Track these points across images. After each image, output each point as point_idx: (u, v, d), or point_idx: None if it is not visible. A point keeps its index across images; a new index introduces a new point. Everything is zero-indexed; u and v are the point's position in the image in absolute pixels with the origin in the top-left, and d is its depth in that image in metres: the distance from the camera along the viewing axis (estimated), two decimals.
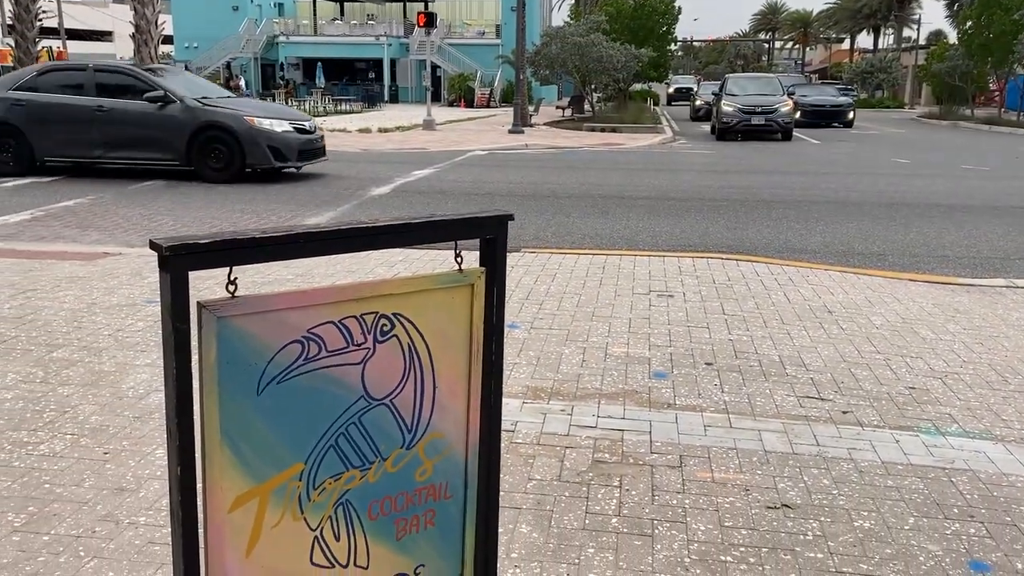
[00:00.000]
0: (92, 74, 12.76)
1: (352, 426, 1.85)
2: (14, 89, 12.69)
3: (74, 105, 12.55)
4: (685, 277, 6.40)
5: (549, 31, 33.08)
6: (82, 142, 12.57)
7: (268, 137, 12.36)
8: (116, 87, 12.63)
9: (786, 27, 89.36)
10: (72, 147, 12.68)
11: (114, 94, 12.60)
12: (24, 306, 5.26)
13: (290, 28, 48.30)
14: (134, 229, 8.56)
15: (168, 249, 1.56)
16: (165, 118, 12.35)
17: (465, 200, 10.97)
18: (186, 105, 12.37)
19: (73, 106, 12.55)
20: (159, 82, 12.63)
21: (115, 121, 12.48)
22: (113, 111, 12.48)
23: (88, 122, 12.49)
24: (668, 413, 3.79)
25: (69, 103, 12.58)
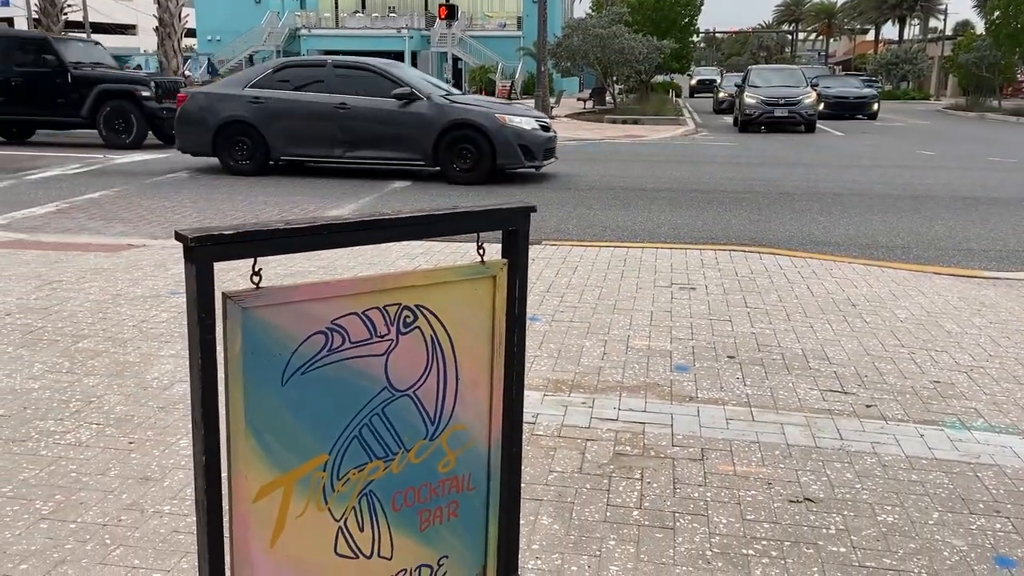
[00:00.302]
0: (332, 70, 12.18)
1: (376, 417, 1.86)
2: (250, 86, 12.22)
3: (314, 102, 11.99)
4: (707, 270, 6.37)
5: (571, 23, 32.97)
6: (322, 141, 12.05)
7: (519, 136, 11.66)
8: (357, 83, 12.04)
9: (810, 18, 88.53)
10: (310, 146, 12.17)
11: (356, 90, 12.00)
12: (50, 297, 5.32)
13: (312, 21, 48.41)
14: (158, 221, 8.63)
15: (193, 240, 1.57)
16: (411, 116, 11.73)
17: (486, 192, 10.97)
18: (434, 102, 11.77)
19: (313, 103, 11.99)
20: (403, 77, 12.13)
21: (357, 119, 11.87)
22: (355, 108, 11.85)
23: (329, 120, 11.91)
24: (690, 406, 3.78)
25: (309, 100, 12.02)
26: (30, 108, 16.22)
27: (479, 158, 11.65)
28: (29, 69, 16.07)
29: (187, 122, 12.46)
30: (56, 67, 15.96)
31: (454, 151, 11.69)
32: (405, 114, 11.77)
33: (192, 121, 12.40)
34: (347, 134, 11.97)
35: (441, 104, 11.78)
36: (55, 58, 15.96)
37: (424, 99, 11.78)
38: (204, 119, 12.28)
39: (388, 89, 11.87)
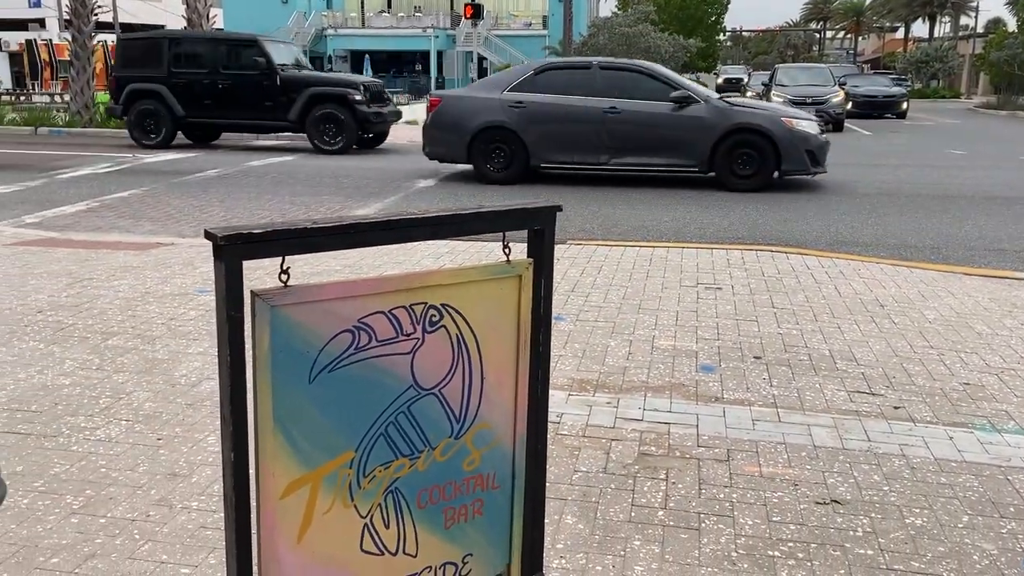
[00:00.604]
0: (597, 72, 11.58)
1: (401, 415, 1.87)
2: (510, 90, 11.66)
3: (581, 106, 11.41)
4: (733, 270, 6.34)
5: (596, 22, 32.91)
6: (587, 147, 11.45)
7: (805, 140, 11.05)
8: (624, 85, 11.42)
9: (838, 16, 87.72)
10: (574, 152, 11.56)
11: (624, 93, 11.39)
12: (81, 294, 5.39)
13: (338, 21, 48.69)
14: (186, 220, 8.72)
15: (223, 239, 1.59)
16: (687, 120, 11.13)
17: (511, 192, 10.98)
18: (712, 105, 11.20)
19: (580, 107, 11.41)
20: (676, 79, 11.63)
21: (628, 123, 11.27)
22: (626, 112, 11.25)
23: (596, 124, 11.34)
24: (715, 407, 3.76)
25: (575, 104, 11.44)
26: (237, 111, 15.87)
27: (761, 164, 11.01)
28: (237, 71, 15.78)
29: (440, 128, 11.94)
30: (265, 69, 15.59)
31: (733, 157, 11.06)
32: (681, 118, 11.16)
33: (446, 127, 11.89)
34: (615, 140, 11.37)
35: (721, 107, 11.20)
36: (265, 60, 15.60)
37: (702, 102, 11.19)
38: (459, 125, 11.73)
39: (659, 91, 11.28)
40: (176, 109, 15.96)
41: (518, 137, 11.53)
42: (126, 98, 16.10)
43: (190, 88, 15.91)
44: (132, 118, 16.18)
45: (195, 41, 16.45)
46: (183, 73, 15.97)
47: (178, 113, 15.99)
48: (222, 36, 17.19)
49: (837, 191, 11.22)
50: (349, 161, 14.41)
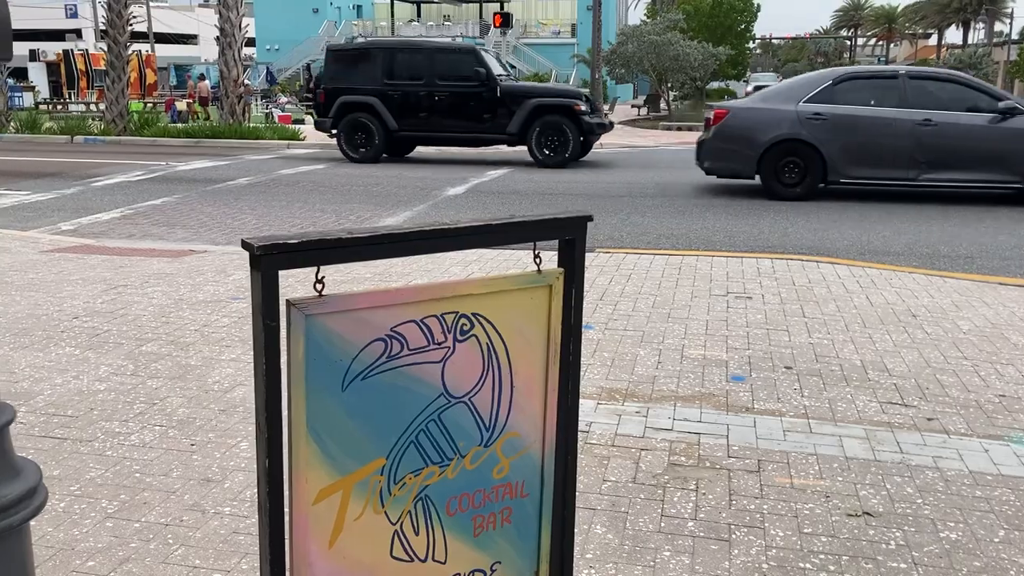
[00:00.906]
0: (905, 81, 10.88)
1: (432, 423, 1.88)
2: (807, 101, 10.99)
3: (890, 118, 10.72)
4: (764, 279, 6.30)
5: (625, 30, 32.90)
6: (894, 161, 10.75)
7: None
8: (937, 96, 10.77)
9: (869, 23, 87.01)
10: (879, 167, 10.88)
11: (938, 104, 10.71)
12: (116, 301, 5.47)
13: (368, 30, 49.07)
14: (218, 227, 8.82)
15: (260, 249, 1.61)
16: (1011, 134, 10.45)
17: (539, 200, 10.99)
18: None
19: (888, 119, 10.72)
20: (997, 90, 11.14)
21: (944, 137, 10.57)
22: (943, 125, 10.55)
23: (906, 138, 10.65)
24: (746, 417, 3.74)
25: (883, 116, 10.76)
26: (453, 124, 15.32)
27: None
28: (455, 83, 15.15)
29: (726, 140, 11.37)
30: (485, 80, 15.04)
31: None
32: (1002, 132, 10.48)
33: (732, 140, 11.30)
34: (928, 154, 10.65)
35: None
36: (485, 71, 15.08)
37: None
38: (749, 138, 11.15)
39: (978, 102, 10.66)
40: (389, 122, 15.35)
41: (816, 151, 10.87)
42: (337, 111, 15.49)
43: (404, 100, 15.31)
44: (342, 132, 15.60)
45: (411, 51, 15.85)
46: (398, 85, 15.32)
47: (391, 126, 15.37)
48: (440, 46, 16.48)
49: (867, 200, 11.12)
50: (381, 170, 14.51)
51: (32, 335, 4.74)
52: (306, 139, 20.03)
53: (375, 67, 15.43)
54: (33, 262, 6.62)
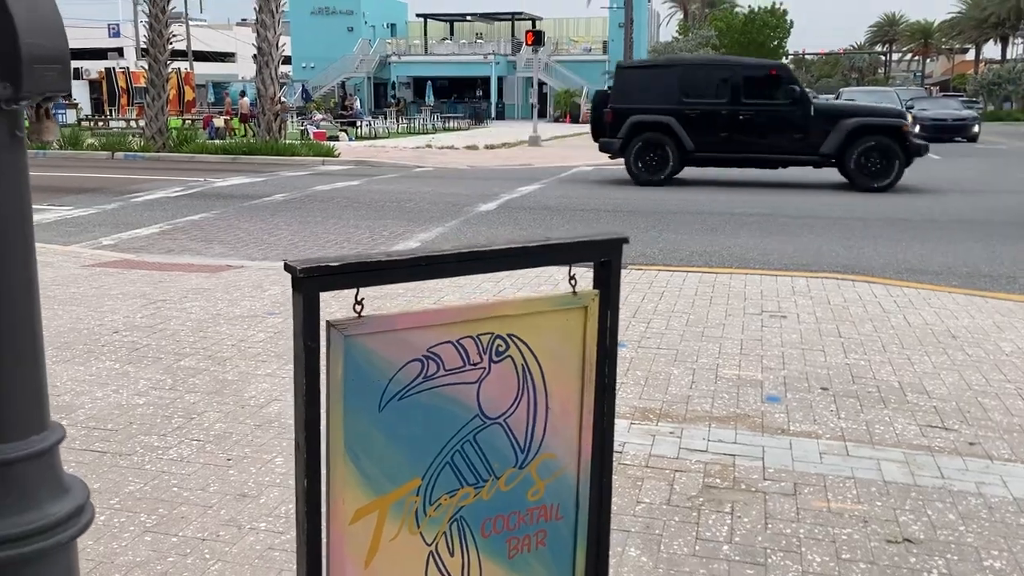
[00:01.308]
0: None
1: (467, 444, 1.89)
2: None
3: None
4: (798, 297, 6.25)
5: (657, 47, 32.91)
6: None
7: None
8: None
9: (904, 38, 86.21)
10: None
11: None
12: (155, 315, 5.55)
13: (402, 48, 49.55)
14: (255, 243, 8.92)
15: (302, 271, 1.64)
16: None
17: (571, 216, 11.00)
18: None
19: None
20: None
21: None
22: None
23: None
24: (782, 439, 3.71)
25: None
26: (758, 144, 14.51)
27: None
28: (762, 101, 14.40)
29: None
30: (797, 99, 14.29)
31: None
32: None
33: None
34: None
35: None
36: (797, 89, 14.37)
37: None
38: None
39: None
40: (686, 143, 14.60)
41: None
42: (628, 131, 14.81)
43: (703, 120, 14.59)
44: (633, 153, 14.87)
45: (712, 68, 15.17)
46: (696, 103, 14.65)
47: (687, 147, 14.63)
48: (746, 63, 15.65)
49: (904, 217, 10.99)
50: (415, 186, 14.60)
51: (74, 349, 4.83)
52: (340, 155, 20.24)
53: (670, 85, 14.78)
54: (75, 276, 6.74)
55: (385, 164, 19.03)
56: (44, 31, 1.30)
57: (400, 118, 37.00)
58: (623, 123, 14.87)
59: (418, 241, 9.12)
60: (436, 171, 17.71)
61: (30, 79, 1.28)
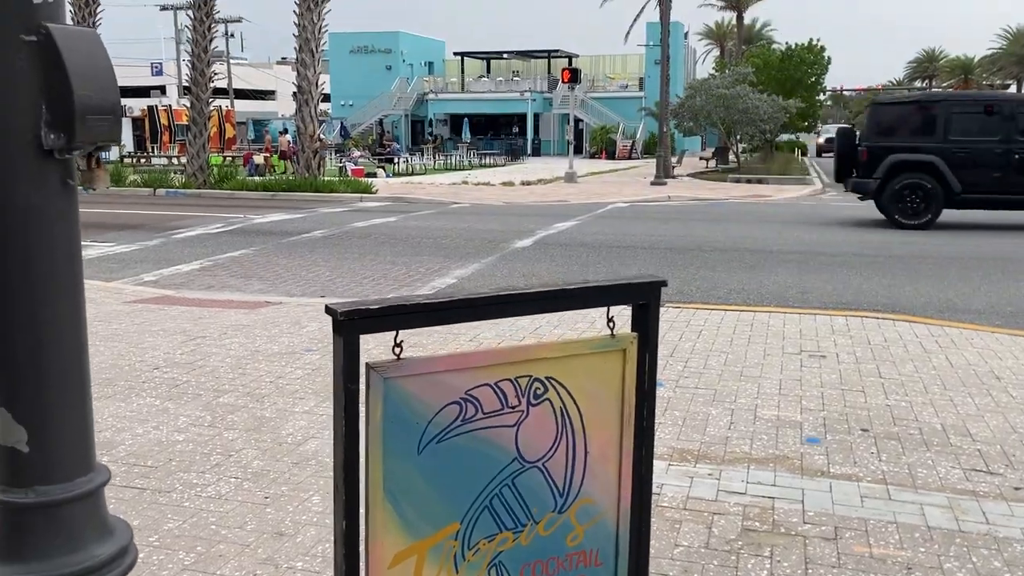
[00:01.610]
0: None
1: (506, 488, 1.88)
2: None
3: None
4: (838, 337, 6.17)
5: (694, 84, 32.98)
6: None
7: None
8: None
9: (944, 74, 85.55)
10: None
11: None
12: (195, 352, 5.62)
13: (439, 86, 50.16)
14: (293, 279, 9.03)
15: (343, 315, 1.66)
16: None
17: (607, 253, 11.00)
18: None
19: None
20: None
21: None
22: None
23: None
24: (822, 481, 3.65)
25: None
26: None
27: None
28: None
29: None
30: None
31: None
32: None
33: None
34: None
35: None
36: None
37: None
38: None
39: None
40: (952, 184, 13.68)
41: None
42: (887, 171, 14.00)
43: (973, 159, 13.67)
44: (890, 194, 14.04)
45: (983, 104, 14.14)
46: (964, 142, 13.72)
47: (954, 188, 13.71)
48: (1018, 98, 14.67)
49: (943, 255, 10.85)
50: (451, 221, 14.71)
51: (115, 385, 4.90)
52: (378, 192, 20.47)
53: (933, 121, 13.92)
54: (117, 312, 6.86)
55: (421, 200, 19.21)
56: (97, 83, 1.34)
57: (437, 154, 37.39)
58: (879, 163, 14.08)
59: (454, 278, 9.17)
60: (472, 207, 17.83)
61: (83, 130, 1.33)
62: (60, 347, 1.54)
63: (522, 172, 29.12)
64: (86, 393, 1.57)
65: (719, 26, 57.67)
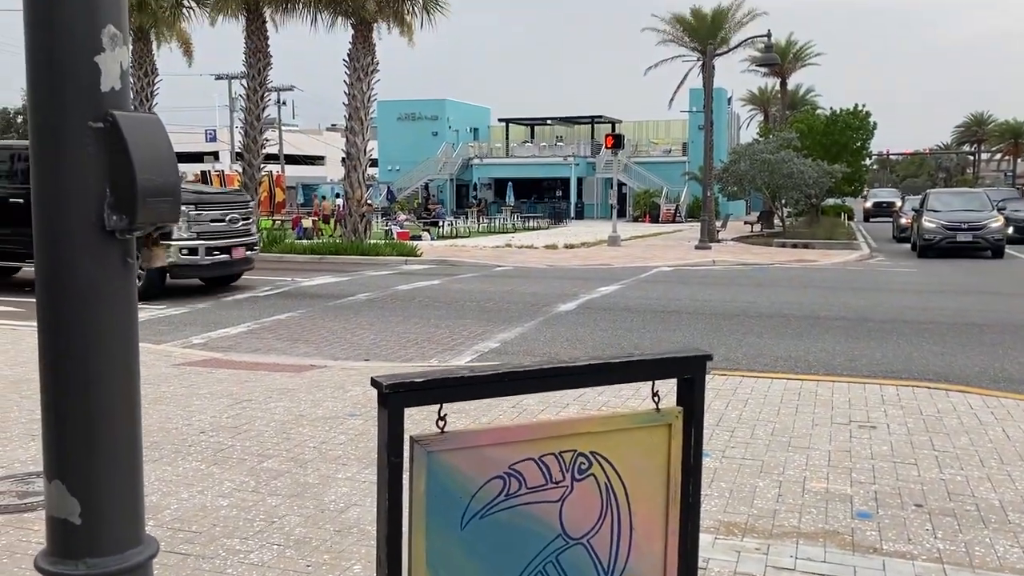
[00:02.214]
0: None
1: (550, 565, 1.86)
2: None
3: None
4: (888, 407, 6.04)
5: (738, 149, 33.06)
6: None
7: None
8: None
9: (993, 138, 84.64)
10: None
11: None
12: (240, 416, 5.68)
13: (484, 151, 50.91)
14: (338, 342, 9.11)
15: (388, 388, 1.67)
16: None
17: (651, 318, 10.94)
18: None
19: None
20: None
21: None
22: None
23: None
24: (874, 559, 3.54)
25: None
26: None
27: None
28: None
29: None
30: None
31: None
32: None
33: None
34: None
35: None
36: None
37: None
38: None
39: None
40: None
41: None
42: None
43: None
44: None
45: None
46: None
47: None
48: None
49: (998, 323, 10.60)
50: (494, 285, 14.79)
51: (162, 449, 4.96)
52: (422, 255, 20.69)
53: None
54: (165, 375, 6.97)
55: (466, 263, 19.37)
56: (158, 167, 1.40)
57: (481, 217, 37.77)
58: None
59: (498, 341, 9.18)
60: (516, 270, 17.92)
61: (144, 212, 1.38)
62: (113, 421, 1.57)
63: (565, 235, 29.26)
64: (138, 466, 1.60)
65: (762, 92, 57.89)
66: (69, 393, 1.53)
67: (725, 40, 32.42)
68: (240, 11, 22.38)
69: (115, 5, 1.40)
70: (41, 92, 1.43)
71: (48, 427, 1.54)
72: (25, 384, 6.43)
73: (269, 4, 22.22)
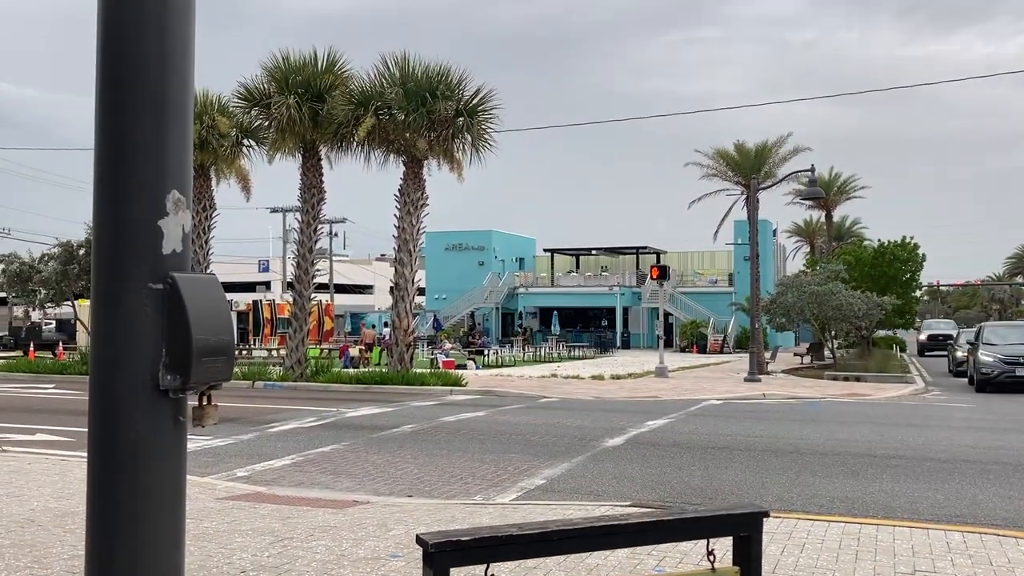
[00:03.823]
0: None
1: None
2: None
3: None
4: (955, 555, 5.73)
5: (785, 280, 33.01)
6: None
7: None
8: None
9: None
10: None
11: None
12: (281, 555, 5.58)
13: (529, 280, 51.49)
14: (381, 477, 9.01)
15: (433, 547, 1.63)
16: None
17: (701, 454, 10.68)
18: None
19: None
20: None
21: None
22: None
23: None
24: None
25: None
26: None
27: None
28: None
29: None
30: None
31: None
32: None
33: None
34: None
35: None
36: None
37: None
38: None
39: None
40: None
41: None
42: None
43: None
44: None
45: None
46: None
47: None
48: None
49: None
50: (538, 417, 14.64)
51: None
52: (468, 384, 20.66)
53: None
54: (208, 510, 6.91)
55: (511, 394, 19.26)
56: (213, 326, 1.42)
57: (526, 346, 37.80)
58: None
59: (543, 478, 9.00)
60: (562, 401, 17.76)
61: (198, 371, 1.39)
62: (157, 569, 1.54)
63: (611, 365, 29.08)
64: None
65: (808, 223, 58.18)
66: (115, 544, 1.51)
67: (769, 174, 32.95)
68: (297, 150, 23.34)
69: (181, 170, 1.45)
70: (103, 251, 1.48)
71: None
72: (70, 518, 6.42)
73: (325, 143, 23.16)
